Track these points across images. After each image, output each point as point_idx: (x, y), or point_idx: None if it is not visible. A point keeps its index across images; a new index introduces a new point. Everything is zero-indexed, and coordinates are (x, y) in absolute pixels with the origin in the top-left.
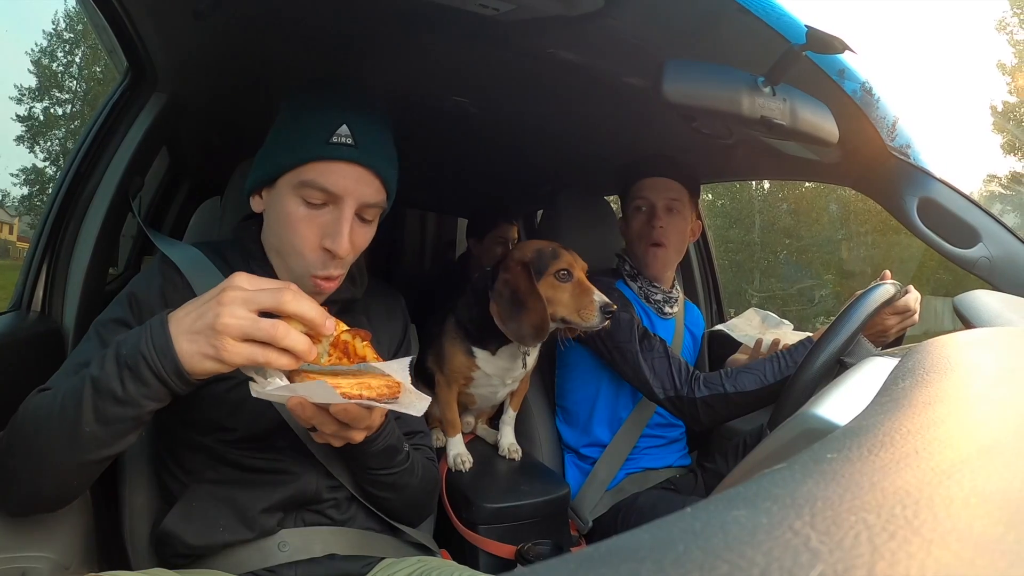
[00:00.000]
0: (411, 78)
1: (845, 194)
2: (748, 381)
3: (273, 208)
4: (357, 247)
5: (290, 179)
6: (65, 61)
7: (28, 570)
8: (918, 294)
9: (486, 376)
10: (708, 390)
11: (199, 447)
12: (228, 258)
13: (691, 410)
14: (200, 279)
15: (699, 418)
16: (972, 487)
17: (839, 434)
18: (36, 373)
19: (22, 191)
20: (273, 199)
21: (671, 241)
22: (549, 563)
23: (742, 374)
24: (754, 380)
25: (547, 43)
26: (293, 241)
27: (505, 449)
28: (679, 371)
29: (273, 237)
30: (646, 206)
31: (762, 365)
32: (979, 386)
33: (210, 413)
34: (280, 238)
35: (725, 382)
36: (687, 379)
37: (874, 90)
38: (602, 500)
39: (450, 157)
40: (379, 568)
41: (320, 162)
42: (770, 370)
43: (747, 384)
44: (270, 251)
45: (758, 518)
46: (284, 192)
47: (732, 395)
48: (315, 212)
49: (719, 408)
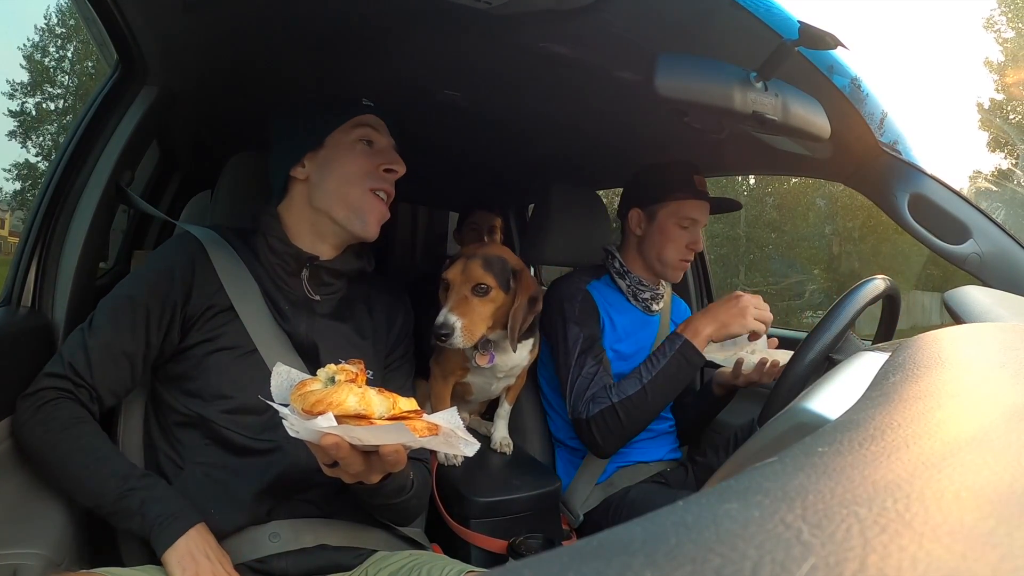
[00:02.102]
0: (403, 71)
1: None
2: (628, 385)
3: (329, 161)
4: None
5: (341, 133)
6: (57, 56)
7: (20, 567)
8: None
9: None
10: (597, 407)
11: (193, 422)
12: (246, 239)
13: (586, 432)
14: (220, 256)
15: (594, 439)
16: (963, 481)
17: (830, 428)
18: (26, 368)
19: (14, 186)
20: (326, 156)
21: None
22: (541, 557)
23: (624, 381)
24: (633, 383)
25: (539, 37)
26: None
27: (497, 443)
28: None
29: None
30: (691, 226)
31: (638, 367)
32: (969, 381)
33: (212, 379)
34: (342, 177)
35: (611, 393)
36: (587, 400)
37: (863, 85)
38: (593, 494)
39: (441, 151)
40: (370, 561)
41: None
42: (644, 368)
43: (628, 388)
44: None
45: (750, 511)
46: (338, 144)
47: (617, 405)
48: (369, 149)
49: (610, 423)
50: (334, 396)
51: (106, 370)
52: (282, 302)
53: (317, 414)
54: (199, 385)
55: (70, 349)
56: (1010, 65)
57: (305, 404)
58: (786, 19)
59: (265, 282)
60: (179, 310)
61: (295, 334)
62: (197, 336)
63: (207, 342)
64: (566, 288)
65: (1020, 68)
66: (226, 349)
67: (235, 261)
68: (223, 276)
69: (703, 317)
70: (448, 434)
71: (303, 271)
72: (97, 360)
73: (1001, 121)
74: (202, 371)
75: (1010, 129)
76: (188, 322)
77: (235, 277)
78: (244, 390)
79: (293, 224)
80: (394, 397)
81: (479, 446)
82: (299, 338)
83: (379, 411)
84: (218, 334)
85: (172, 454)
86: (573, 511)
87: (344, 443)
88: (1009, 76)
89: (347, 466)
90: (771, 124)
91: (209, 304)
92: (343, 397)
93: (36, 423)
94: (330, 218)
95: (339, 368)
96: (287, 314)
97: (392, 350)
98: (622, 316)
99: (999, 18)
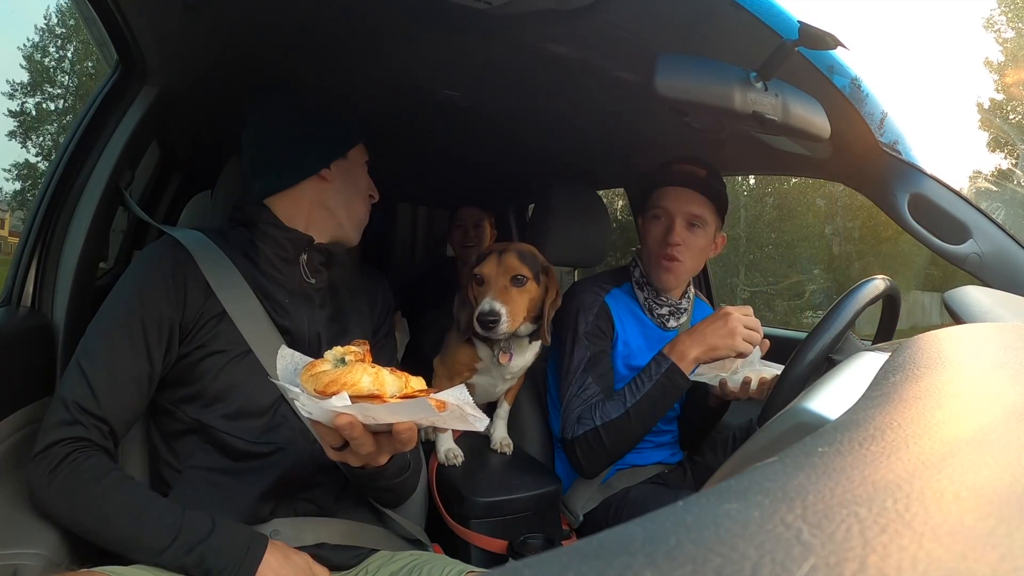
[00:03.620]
0: (403, 71)
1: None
2: (612, 408)
3: (349, 174)
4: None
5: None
6: (57, 56)
7: (20, 567)
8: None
9: (487, 367)
10: (582, 428)
11: (194, 428)
12: (229, 238)
13: (571, 453)
14: (207, 260)
15: (578, 460)
16: (963, 481)
17: (830, 428)
18: (26, 368)
19: (15, 186)
20: (348, 168)
21: (686, 257)
22: (541, 557)
23: (608, 402)
24: (617, 406)
25: (539, 37)
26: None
27: (497, 443)
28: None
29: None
30: (664, 216)
31: (623, 388)
32: (969, 381)
33: (208, 385)
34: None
35: (595, 415)
36: (573, 420)
37: (863, 85)
38: (593, 494)
39: (441, 151)
40: (371, 560)
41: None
42: (628, 391)
43: (611, 411)
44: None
45: (750, 511)
46: (357, 160)
47: (601, 428)
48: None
49: (594, 445)
50: (348, 376)
51: (114, 399)
52: (280, 295)
53: (330, 395)
54: (196, 390)
55: (70, 386)
56: (1010, 65)
57: (318, 385)
58: (786, 19)
59: (258, 278)
60: (176, 323)
61: (295, 328)
62: (191, 345)
63: (200, 348)
64: (585, 296)
65: (1020, 68)
66: (220, 352)
67: (224, 262)
68: (212, 280)
69: (690, 338)
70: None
71: (302, 255)
72: (103, 390)
73: (1001, 121)
74: (198, 376)
75: (1010, 129)
76: (184, 333)
77: (225, 279)
78: (242, 392)
79: (287, 214)
80: (406, 376)
81: (488, 420)
82: (300, 332)
83: (391, 390)
84: (211, 338)
85: (172, 459)
86: (573, 511)
87: (358, 422)
88: (1009, 76)
89: (358, 447)
90: (771, 124)
91: (200, 312)
92: (357, 377)
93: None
94: (335, 220)
95: (346, 350)
96: (287, 308)
97: (376, 330)
98: (637, 329)
99: (999, 18)
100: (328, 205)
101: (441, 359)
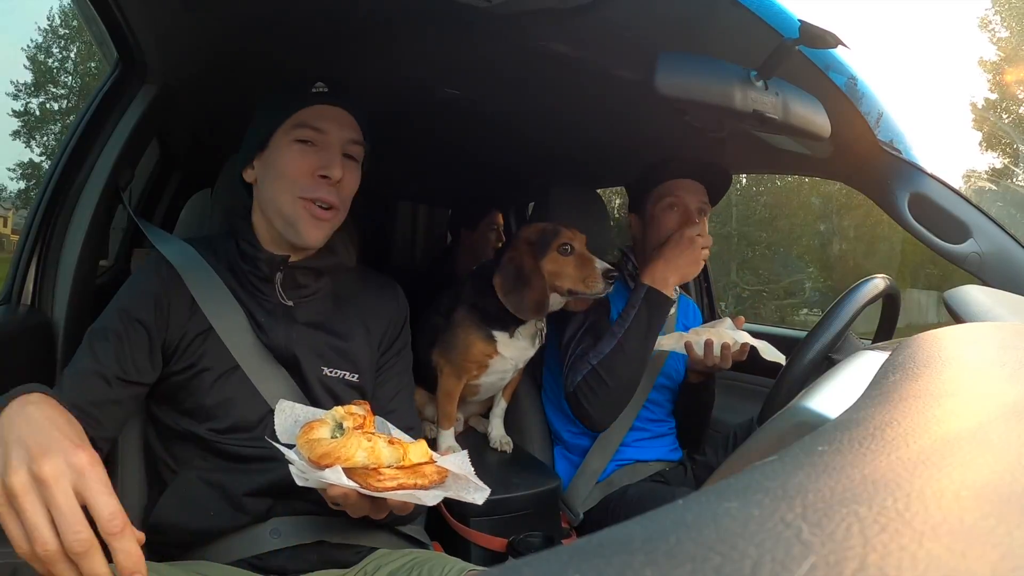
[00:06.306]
0: (403, 69)
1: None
2: (604, 345)
3: (269, 165)
4: (346, 184)
5: (282, 132)
6: (60, 56)
7: (20, 567)
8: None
9: (503, 360)
10: (580, 374)
11: (189, 436)
12: (217, 250)
13: (576, 405)
14: (193, 276)
15: (584, 410)
16: (963, 480)
17: (830, 427)
18: (26, 367)
19: (18, 185)
20: (267, 158)
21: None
22: (541, 555)
23: (600, 342)
24: (608, 341)
25: (539, 35)
26: (288, 174)
27: (496, 441)
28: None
29: (268, 190)
30: (679, 205)
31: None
32: (969, 380)
33: (200, 402)
34: (276, 183)
35: (590, 357)
36: (571, 371)
37: (860, 84)
38: (592, 492)
39: (442, 149)
40: (370, 559)
41: (306, 108)
42: (617, 325)
43: (604, 348)
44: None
45: (750, 510)
46: (279, 145)
47: (598, 366)
48: (308, 148)
49: (595, 386)
50: (343, 451)
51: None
52: (258, 313)
53: (325, 466)
54: (188, 406)
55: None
56: (1004, 64)
57: (313, 455)
58: (787, 18)
59: (240, 293)
60: (159, 343)
61: (274, 346)
62: (179, 364)
63: (189, 368)
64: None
65: (1014, 67)
66: (208, 370)
67: (211, 278)
68: (199, 296)
69: (664, 265)
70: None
71: (276, 275)
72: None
73: (996, 119)
74: (189, 393)
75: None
76: (168, 352)
77: (212, 295)
78: (233, 407)
79: (260, 228)
80: (404, 447)
81: (489, 492)
82: (279, 350)
83: (388, 461)
84: (198, 357)
85: (169, 460)
86: (573, 509)
87: (352, 493)
88: (1004, 75)
89: (353, 512)
90: (771, 123)
91: (184, 332)
92: (352, 452)
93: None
94: (273, 227)
95: (346, 412)
96: (264, 326)
97: (389, 345)
98: None
99: (993, 17)
100: (264, 213)
101: (447, 356)
